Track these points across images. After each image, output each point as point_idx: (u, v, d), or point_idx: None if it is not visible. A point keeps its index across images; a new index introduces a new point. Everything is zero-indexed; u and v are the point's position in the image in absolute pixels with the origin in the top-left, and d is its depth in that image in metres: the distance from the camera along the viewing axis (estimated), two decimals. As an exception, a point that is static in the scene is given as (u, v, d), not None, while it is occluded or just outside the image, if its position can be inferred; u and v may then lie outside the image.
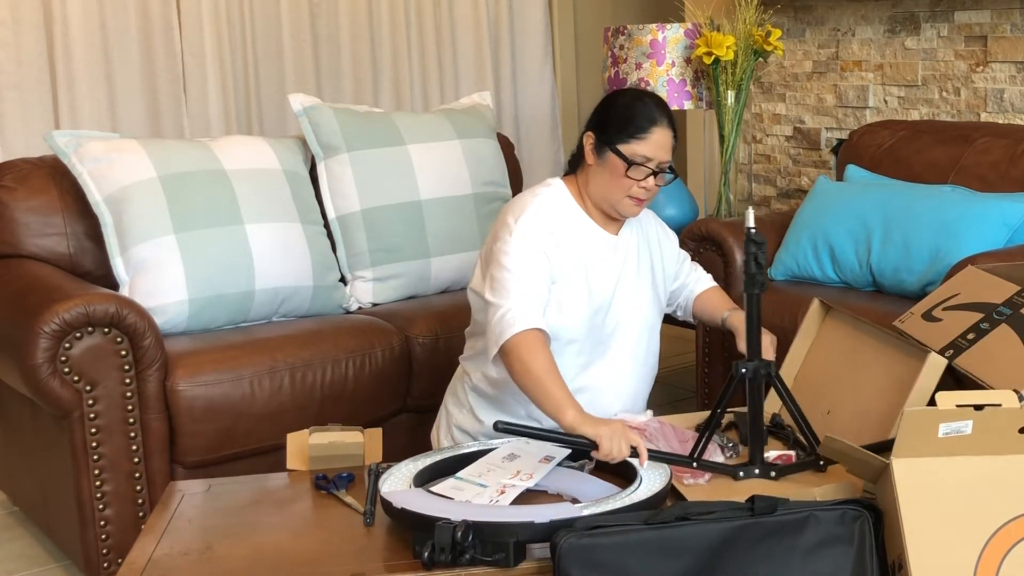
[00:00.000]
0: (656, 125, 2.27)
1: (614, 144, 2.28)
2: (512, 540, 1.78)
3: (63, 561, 2.96)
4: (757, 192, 4.43)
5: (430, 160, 3.41)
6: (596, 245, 2.36)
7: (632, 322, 2.40)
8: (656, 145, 2.27)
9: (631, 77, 3.96)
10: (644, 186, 2.28)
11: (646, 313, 2.43)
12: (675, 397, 4.07)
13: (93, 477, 2.61)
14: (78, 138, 3.01)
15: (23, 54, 3.81)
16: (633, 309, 2.40)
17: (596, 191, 2.33)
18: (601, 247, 2.37)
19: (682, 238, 3.41)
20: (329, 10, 4.44)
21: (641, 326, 2.42)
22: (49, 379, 2.54)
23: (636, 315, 2.41)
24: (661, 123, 2.28)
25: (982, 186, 3.12)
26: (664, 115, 2.29)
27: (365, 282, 3.31)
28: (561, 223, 2.32)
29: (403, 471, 2.10)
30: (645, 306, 2.43)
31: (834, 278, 3.21)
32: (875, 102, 3.98)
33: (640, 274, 2.42)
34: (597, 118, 2.35)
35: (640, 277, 2.42)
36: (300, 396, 2.84)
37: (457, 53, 4.78)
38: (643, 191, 2.29)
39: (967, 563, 1.73)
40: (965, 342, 2.28)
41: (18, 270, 2.92)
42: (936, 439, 1.78)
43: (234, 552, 1.93)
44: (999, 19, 3.58)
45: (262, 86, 4.31)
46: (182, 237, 2.93)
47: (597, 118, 2.35)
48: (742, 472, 2.10)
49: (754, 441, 2.12)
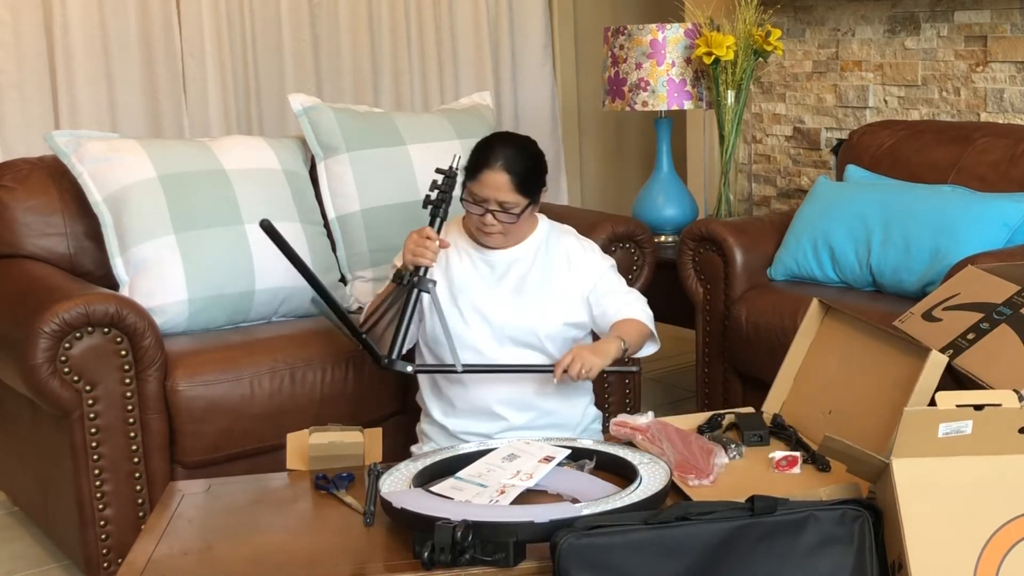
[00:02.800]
0: (486, 167, 2.45)
1: (464, 184, 2.52)
2: (512, 540, 1.78)
3: (63, 561, 2.96)
4: (757, 192, 4.43)
5: (430, 160, 3.40)
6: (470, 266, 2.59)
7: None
8: (485, 185, 2.45)
9: (631, 77, 3.96)
10: (484, 222, 2.48)
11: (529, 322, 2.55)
12: (675, 397, 4.07)
13: (93, 477, 2.61)
14: (78, 138, 3.01)
15: (23, 54, 3.81)
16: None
17: (467, 226, 2.58)
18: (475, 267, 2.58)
19: (682, 238, 3.41)
20: (329, 10, 4.44)
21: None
22: (49, 379, 2.54)
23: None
24: (493, 166, 2.44)
25: (982, 186, 3.12)
26: (498, 159, 2.44)
27: (365, 282, 3.31)
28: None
29: (403, 471, 2.10)
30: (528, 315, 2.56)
31: (834, 278, 3.21)
32: (875, 102, 3.98)
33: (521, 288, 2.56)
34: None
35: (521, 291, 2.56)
36: (300, 396, 2.84)
37: (457, 53, 4.78)
38: (485, 226, 2.49)
39: (967, 563, 1.73)
40: (965, 342, 2.28)
41: (18, 270, 2.92)
42: (936, 439, 1.78)
43: (234, 552, 1.93)
44: (999, 19, 3.58)
45: (262, 86, 4.31)
46: (182, 237, 2.94)
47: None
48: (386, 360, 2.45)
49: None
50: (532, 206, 2.52)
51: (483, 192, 2.45)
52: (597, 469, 2.14)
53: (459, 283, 2.55)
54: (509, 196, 2.45)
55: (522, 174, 2.45)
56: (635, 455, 2.13)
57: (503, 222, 2.47)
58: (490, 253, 2.56)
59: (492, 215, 2.46)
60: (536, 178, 2.50)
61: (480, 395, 2.52)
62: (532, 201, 2.50)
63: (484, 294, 2.54)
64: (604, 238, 3.18)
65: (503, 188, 2.44)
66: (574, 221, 2.90)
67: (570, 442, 2.24)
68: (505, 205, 2.45)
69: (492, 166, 2.44)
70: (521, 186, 2.45)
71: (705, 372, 3.39)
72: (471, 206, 2.48)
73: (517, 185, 2.45)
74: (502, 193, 2.44)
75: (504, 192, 2.44)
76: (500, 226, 2.48)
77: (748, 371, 3.23)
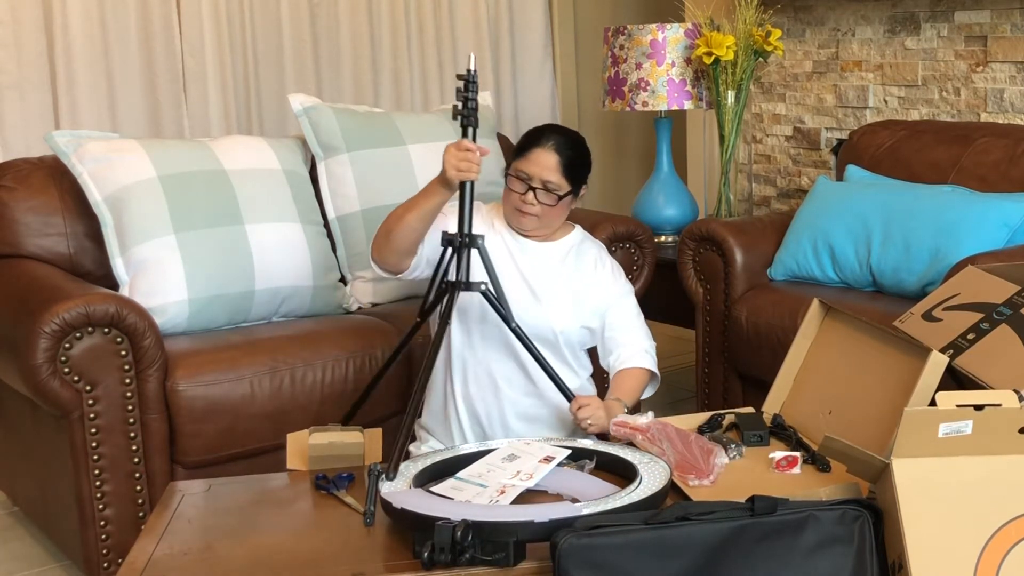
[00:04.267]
0: (537, 145, 2.51)
1: (508, 164, 2.56)
2: (512, 540, 1.78)
3: (63, 561, 2.96)
4: (757, 192, 4.43)
5: (430, 160, 3.40)
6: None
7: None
8: (533, 162, 2.50)
9: (631, 77, 3.96)
10: (524, 200, 2.50)
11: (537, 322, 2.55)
12: (675, 398, 4.07)
13: (93, 477, 2.61)
14: (78, 138, 3.01)
15: (23, 54, 3.81)
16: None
17: (504, 209, 2.59)
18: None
19: (682, 238, 3.41)
20: (329, 10, 4.44)
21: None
22: (49, 379, 2.54)
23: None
24: (544, 145, 2.51)
25: (982, 186, 3.13)
26: (550, 140, 2.51)
27: (365, 282, 3.31)
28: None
29: (403, 471, 2.10)
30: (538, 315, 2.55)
31: (834, 278, 3.21)
32: (875, 102, 3.98)
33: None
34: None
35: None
36: (300, 396, 2.84)
37: (457, 53, 4.78)
38: (524, 204, 2.50)
39: (967, 563, 1.73)
40: (965, 342, 2.28)
41: (18, 270, 2.92)
42: (936, 439, 1.78)
43: (234, 552, 1.93)
44: (999, 19, 3.58)
45: (262, 86, 4.31)
46: (182, 237, 2.94)
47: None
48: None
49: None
50: (572, 197, 2.55)
51: (530, 169, 2.50)
52: (597, 469, 2.14)
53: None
54: (554, 176, 2.49)
55: (570, 158, 2.52)
56: (635, 455, 2.13)
57: (542, 203, 2.50)
58: (524, 242, 2.58)
59: (534, 193, 2.50)
60: (582, 167, 2.56)
61: (488, 366, 2.54)
62: (573, 191, 2.54)
63: (508, 282, 2.54)
64: (604, 238, 3.17)
65: (550, 168, 2.49)
66: (574, 221, 2.90)
67: (570, 442, 2.24)
68: (549, 185, 2.49)
69: (543, 145, 2.51)
70: (567, 170, 2.51)
71: (705, 372, 3.40)
72: (515, 182, 2.52)
73: (564, 168, 2.50)
74: (548, 172, 2.49)
75: (550, 172, 2.49)
76: (539, 207, 2.50)
77: (748, 371, 3.23)
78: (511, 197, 2.54)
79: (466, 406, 2.54)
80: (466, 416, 2.54)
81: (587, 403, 2.37)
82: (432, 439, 2.60)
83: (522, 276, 2.57)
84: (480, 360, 2.53)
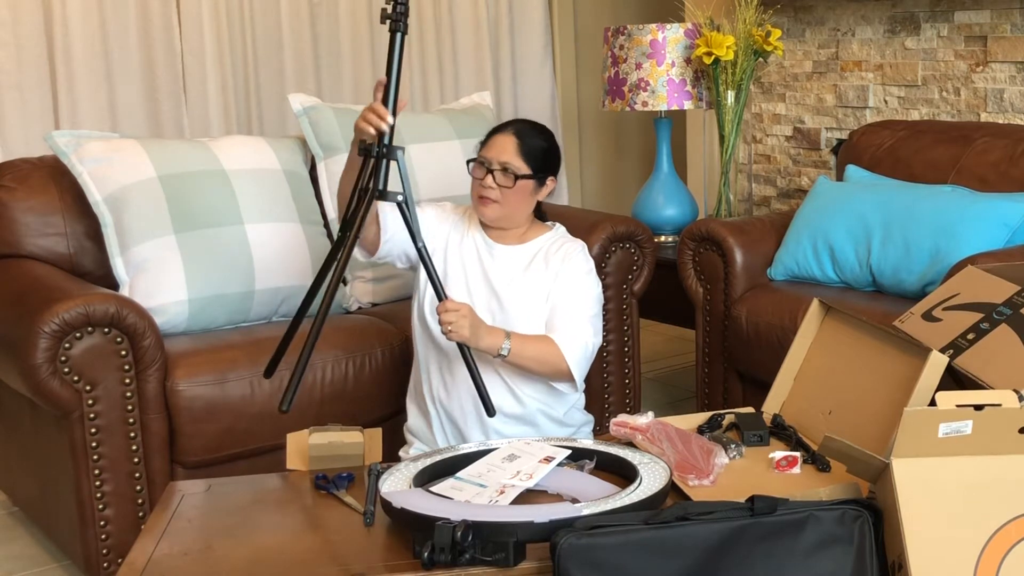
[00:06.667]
0: (499, 132, 2.56)
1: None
2: (512, 540, 1.78)
3: (63, 561, 2.96)
4: (757, 192, 4.43)
5: (430, 160, 3.41)
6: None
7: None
8: (492, 147, 2.54)
9: (631, 77, 3.96)
10: (484, 184, 2.52)
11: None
12: (675, 397, 4.07)
13: (93, 477, 2.61)
14: (78, 138, 3.01)
15: (23, 54, 3.81)
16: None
17: (472, 201, 2.59)
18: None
19: (682, 238, 3.41)
20: (329, 10, 4.44)
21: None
22: (49, 379, 2.54)
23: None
24: (504, 131, 2.55)
25: (982, 186, 3.13)
26: (511, 126, 2.56)
27: (365, 282, 3.31)
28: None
29: (403, 471, 2.10)
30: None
31: (834, 278, 3.21)
32: (875, 102, 3.98)
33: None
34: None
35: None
36: (300, 396, 2.82)
37: (457, 53, 4.78)
38: (484, 188, 2.52)
39: (967, 563, 1.73)
40: (965, 342, 2.28)
41: (18, 270, 2.92)
42: (936, 439, 1.78)
43: (234, 552, 1.93)
44: (999, 19, 3.58)
45: (262, 86, 4.31)
46: (182, 237, 2.94)
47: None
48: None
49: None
50: (535, 184, 2.54)
51: (489, 152, 2.53)
52: (597, 469, 2.13)
53: (456, 262, 2.58)
54: (511, 159, 2.51)
55: (530, 144, 2.53)
56: (635, 455, 2.13)
57: (501, 185, 2.50)
58: (494, 247, 2.59)
59: (492, 176, 2.51)
60: (544, 156, 2.55)
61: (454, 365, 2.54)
62: (536, 177, 2.53)
63: (476, 289, 2.56)
64: (604, 238, 3.18)
65: (508, 150, 2.51)
66: (574, 221, 2.90)
67: (570, 442, 2.24)
68: (507, 166, 2.50)
69: (504, 131, 2.55)
70: (527, 154, 2.52)
71: (705, 372, 3.39)
72: (476, 168, 2.54)
73: (522, 150, 2.51)
74: (505, 154, 2.51)
75: (508, 154, 2.51)
76: (497, 191, 2.50)
77: (748, 371, 3.23)
78: (473, 185, 2.56)
79: (442, 408, 2.57)
80: (445, 418, 2.58)
81: (456, 308, 2.32)
82: (417, 442, 2.62)
83: (488, 283, 2.57)
84: (451, 360, 2.54)
